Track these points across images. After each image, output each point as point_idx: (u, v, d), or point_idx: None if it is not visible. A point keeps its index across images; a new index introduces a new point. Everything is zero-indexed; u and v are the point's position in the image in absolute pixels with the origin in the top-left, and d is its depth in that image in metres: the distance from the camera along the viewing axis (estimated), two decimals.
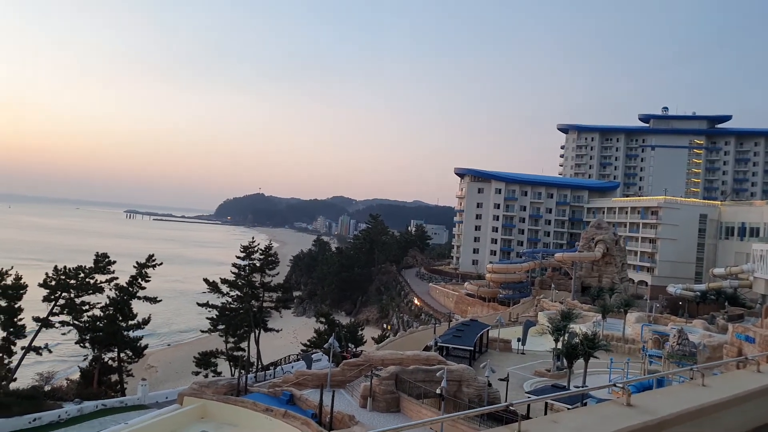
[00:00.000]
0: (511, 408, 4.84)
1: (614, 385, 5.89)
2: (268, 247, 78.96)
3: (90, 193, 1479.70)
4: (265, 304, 75.10)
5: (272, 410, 32.02)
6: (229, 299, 71.98)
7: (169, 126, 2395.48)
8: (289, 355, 69.53)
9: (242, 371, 41.27)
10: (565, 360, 43.51)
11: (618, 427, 4.04)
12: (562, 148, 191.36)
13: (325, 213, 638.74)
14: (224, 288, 72.07)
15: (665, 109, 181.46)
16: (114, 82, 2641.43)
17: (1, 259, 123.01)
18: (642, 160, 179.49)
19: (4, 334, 55.30)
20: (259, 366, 67.77)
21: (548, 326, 51.98)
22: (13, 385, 50.96)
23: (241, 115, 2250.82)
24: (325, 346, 49.50)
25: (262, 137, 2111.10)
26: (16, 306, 55.97)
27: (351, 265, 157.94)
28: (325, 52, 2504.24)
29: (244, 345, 70.35)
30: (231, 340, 69.77)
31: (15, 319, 55.63)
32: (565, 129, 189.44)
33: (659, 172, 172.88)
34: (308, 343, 73.87)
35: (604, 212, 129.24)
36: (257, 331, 71.57)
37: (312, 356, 54.63)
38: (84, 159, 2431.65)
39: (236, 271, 73.58)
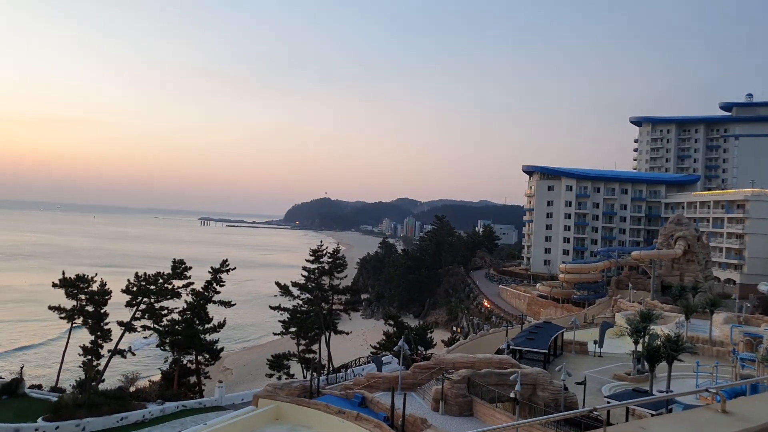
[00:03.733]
0: (594, 413, 4.41)
1: (706, 391, 5.35)
2: (336, 251, 79.88)
3: (167, 202, 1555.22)
4: (334, 307, 75.99)
5: (345, 413, 32.15)
6: (300, 302, 73.27)
7: (239, 135, 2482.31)
8: (359, 358, 70.04)
9: (314, 373, 41.75)
10: (646, 363, 41.37)
11: None
12: (636, 141, 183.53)
13: (390, 215, 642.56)
14: (295, 291, 73.43)
15: (749, 95, 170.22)
16: (188, 96, 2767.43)
17: (87, 267, 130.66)
18: (724, 152, 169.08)
19: (93, 338, 58.71)
20: (330, 368, 68.54)
21: (627, 327, 49.59)
22: (101, 386, 53.89)
23: (307, 121, 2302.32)
24: (395, 348, 49.39)
25: (327, 142, 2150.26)
26: (102, 311, 59.30)
27: (418, 267, 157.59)
28: (386, 54, 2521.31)
29: (315, 347, 71.38)
30: (302, 342, 70.96)
31: (102, 324, 58.96)
32: (638, 122, 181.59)
33: (744, 163, 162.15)
34: (377, 346, 74.06)
35: (683, 207, 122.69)
36: (327, 334, 72.45)
37: (382, 359, 54.63)
38: (162, 170, 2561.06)
39: (306, 274, 74.85)
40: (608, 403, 32.70)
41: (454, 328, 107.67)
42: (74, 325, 59.83)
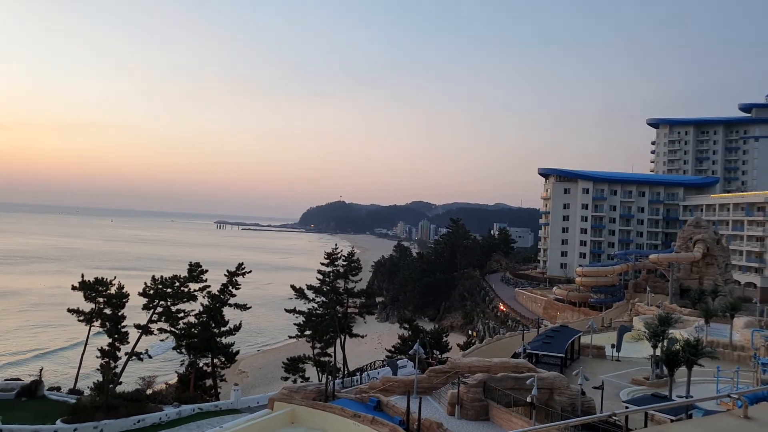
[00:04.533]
0: (614, 418, 4.32)
1: (727, 396, 5.22)
2: (351, 254, 79.93)
3: (184, 206, 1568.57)
4: (349, 310, 75.96)
5: (360, 416, 32.05)
6: (315, 305, 73.35)
7: (255, 139, 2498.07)
8: (375, 361, 69.88)
9: (329, 377, 41.72)
10: (665, 368, 40.79)
11: None
12: (653, 143, 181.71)
13: (405, 218, 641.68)
14: (310, 294, 73.56)
15: None
16: (204, 100, 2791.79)
17: (105, 270, 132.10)
18: (744, 153, 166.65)
19: (110, 341, 59.28)
20: (346, 372, 68.50)
21: (645, 331, 48.97)
22: (119, 388, 54.35)
23: (321, 124, 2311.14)
24: (410, 352, 49.22)
25: (341, 145, 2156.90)
26: (120, 314, 59.88)
27: (433, 271, 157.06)
28: (400, 57, 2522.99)
29: (330, 350, 71.39)
30: (318, 345, 71.00)
31: (119, 326, 59.54)
32: (655, 123, 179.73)
33: (765, 164, 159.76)
34: (393, 349, 73.88)
35: (702, 210, 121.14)
36: (343, 337, 72.44)
37: (397, 362, 54.50)
38: (179, 174, 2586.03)
39: (321, 277, 74.93)
40: (627, 408, 32.25)
41: (470, 332, 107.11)
42: (92, 328, 60.45)
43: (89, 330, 60.26)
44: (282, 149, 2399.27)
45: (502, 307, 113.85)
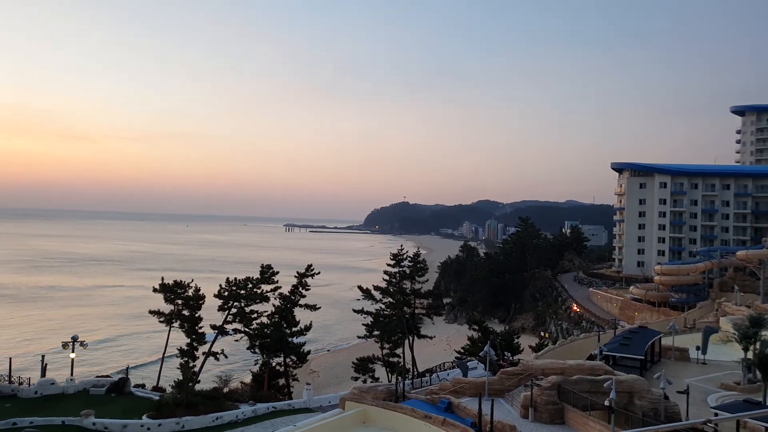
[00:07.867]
0: (710, 425, 3.78)
1: None
2: (417, 254, 79.66)
3: (254, 210, 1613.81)
4: (416, 311, 75.66)
5: (431, 417, 31.71)
6: (383, 306, 73.53)
7: (320, 143, 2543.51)
8: (444, 363, 69.16)
9: (399, 377, 41.61)
10: (758, 372, 38.04)
11: None
12: (738, 133, 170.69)
13: (471, 218, 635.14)
14: (377, 295, 73.81)
15: None
16: (274, 105, 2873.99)
17: (182, 272, 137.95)
18: None
19: (189, 341, 61.66)
20: (415, 372, 68.25)
21: (734, 333, 45.91)
22: (198, 387, 56.39)
23: (384, 125, 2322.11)
24: (481, 353, 48.35)
25: (404, 146, 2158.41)
26: (197, 315, 62.19)
27: (501, 271, 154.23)
28: (464, 56, 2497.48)
29: (398, 351, 71.37)
30: (386, 346, 71.14)
31: (197, 327, 61.84)
32: (740, 111, 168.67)
33: None
34: (462, 351, 72.96)
35: None
36: (411, 338, 72.24)
37: (467, 364, 53.70)
38: (249, 179, 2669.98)
39: (387, 278, 75.05)
40: (716, 414, 30.19)
41: (542, 334, 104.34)
42: (171, 328, 63.06)
43: (169, 330, 62.94)
44: (346, 152, 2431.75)
45: (575, 308, 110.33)
